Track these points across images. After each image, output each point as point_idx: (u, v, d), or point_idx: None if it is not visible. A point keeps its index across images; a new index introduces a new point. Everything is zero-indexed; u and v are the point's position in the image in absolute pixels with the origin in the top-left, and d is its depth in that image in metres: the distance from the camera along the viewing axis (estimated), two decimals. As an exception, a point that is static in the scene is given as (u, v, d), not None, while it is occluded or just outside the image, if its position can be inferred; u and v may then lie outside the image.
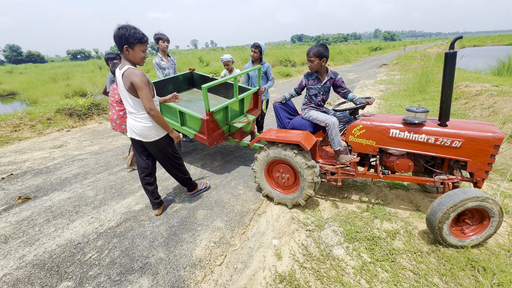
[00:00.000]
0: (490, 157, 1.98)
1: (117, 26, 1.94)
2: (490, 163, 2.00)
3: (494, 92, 5.71)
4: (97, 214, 2.71)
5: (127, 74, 2.02)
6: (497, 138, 1.91)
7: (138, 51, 2.03)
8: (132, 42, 1.96)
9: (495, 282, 1.67)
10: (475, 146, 1.98)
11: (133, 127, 2.26)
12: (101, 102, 7.35)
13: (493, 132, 1.95)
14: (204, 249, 2.18)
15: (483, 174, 2.05)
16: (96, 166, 3.94)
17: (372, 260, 1.94)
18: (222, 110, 3.20)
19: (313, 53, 2.44)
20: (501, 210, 1.84)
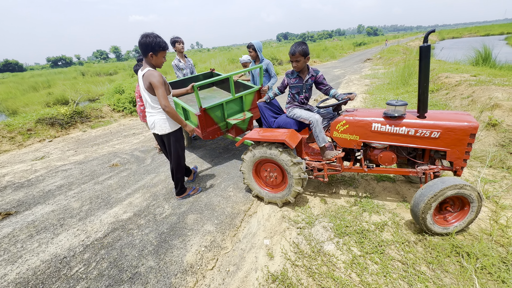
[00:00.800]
0: (467, 145, 2.04)
1: (143, 35, 2.25)
2: (468, 151, 2.06)
3: (472, 82, 5.92)
4: (83, 226, 2.63)
5: (147, 75, 2.32)
6: (473, 127, 1.98)
7: (160, 57, 2.36)
8: (156, 50, 2.29)
9: (479, 266, 1.73)
10: (453, 135, 2.04)
11: (151, 123, 2.61)
12: (84, 109, 7.15)
13: (469, 121, 2.01)
14: (195, 254, 2.15)
15: (462, 162, 2.11)
16: (81, 176, 3.82)
17: (362, 253, 1.97)
18: (217, 106, 3.37)
19: (299, 53, 2.42)
20: (480, 195, 1.91)
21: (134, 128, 6.40)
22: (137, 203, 2.99)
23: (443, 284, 1.65)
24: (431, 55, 9.00)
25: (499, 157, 3.04)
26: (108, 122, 7.15)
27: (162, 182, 3.45)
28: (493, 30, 53.54)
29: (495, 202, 2.36)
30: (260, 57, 3.84)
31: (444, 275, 1.73)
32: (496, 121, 3.47)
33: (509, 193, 2.48)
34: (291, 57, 2.48)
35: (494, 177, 2.77)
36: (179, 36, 4.22)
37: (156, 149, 4.53)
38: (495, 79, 5.83)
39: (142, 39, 2.24)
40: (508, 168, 2.85)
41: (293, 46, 2.47)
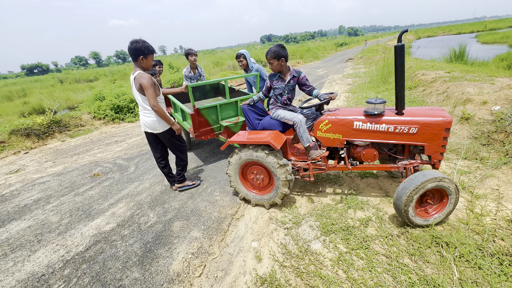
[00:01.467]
0: (443, 139, 2.12)
1: (132, 41, 2.45)
2: (444, 145, 2.14)
3: (447, 78, 6.21)
4: (63, 241, 2.51)
5: (138, 77, 2.50)
6: (447, 121, 2.07)
7: (149, 60, 2.56)
8: (146, 53, 2.49)
9: (457, 254, 1.81)
10: (429, 130, 2.12)
11: (144, 122, 2.76)
12: (63, 118, 6.87)
13: (443, 116, 2.10)
14: (182, 262, 2.11)
15: (439, 156, 2.20)
16: (60, 188, 3.65)
17: (348, 250, 2.01)
18: (212, 109, 3.55)
19: (271, 56, 2.49)
20: (457, 187, 2.00)
21: (116, 136, 6.21)
22: (121, 213, 2.90)
23: (425, 274, 1.71)
24: (408, 54, 9.43)
25: (473, 149, 3.20)
26: (88, 130, 6.90)
27: (147, 190, 3.36)
28: (464, 29, 56.57)
29: (470, 192, 2.47)
30: (250, 65, 3.92)
31: (426, 265, 1.79)
32: (469, 115, 3.65)
33: (483, 183, 2.61)
34: (266, 59, 2.57)
35: (469, 168, 2.90)
36: (192, 49, 4.51)
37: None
38: (467, 75, 6.15)
39: (132, 45, 2.44)
40: (482, 159, 3.00)
41: (270, 48, 2.55)
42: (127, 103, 7.81)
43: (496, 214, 2.17)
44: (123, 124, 7.47)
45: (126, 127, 7.06)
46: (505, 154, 2.93)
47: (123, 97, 7.90)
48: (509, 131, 3.09)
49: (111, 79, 18.73)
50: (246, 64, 3.93)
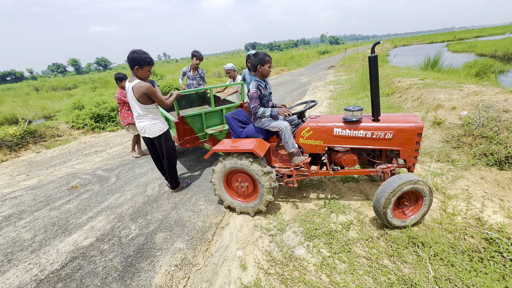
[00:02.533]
0: (416, 144, 2.24)
1: (131, 51, 2.56)
2: (417, 149, 2.27)
3: (420, 85, 6.58)
4: (37, 259, 2.37)
5: (138, 87, 2.63)
6: (419, 127, 2.20)
7: (145, 70, 2.65)
8: (142, 64, 2.59)
9: (432, 253, 1.90)
10: (403, 136, 2.24)
11: (142, 128, 2.91)
12: (38, 128, 6.54)
13: (415, 122, 2.23)
14: (165, 275, 2.05)
15: (413, 159, 2.31)
16: (34, 202, 3.46)
17: (331, 254, 2.05)
18: (197, 117, 3.58)
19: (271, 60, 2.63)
20: (430, 189, 2.11)
21: (96, 146, 5.99)
22: (100, 226, 2.79)
23: (403, 274, 1.78)
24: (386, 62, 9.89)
25: (445, 152, 3.40)
26: (66, 140, 6.61)
27: (128, 201, 3.26)
28: (436, 38, 60.43)
29: (443, 193, 2.62)
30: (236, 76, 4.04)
31: (404, 265, 1.86)
32: (440, 120, 3.89)
33: (454, 184, 2.77)
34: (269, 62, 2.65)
35: (442, 170, 3.08)
36: (198, 51, 4.56)
37: (132, 155, 4.87)
38: (438, 82, 6.55)
39: (130, 54, 2.57)
40: (453, 161, 3.19)
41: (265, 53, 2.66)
42: (108, 112, 7.58)
43: (466, 213, 2.30)
44: (104, 133, 7.23)
45: (107, 136, 6.84)
46: (473, 156, 3.14)
47: (103, 105, 7.66)
48: (476, 134, 3.32)
49: (91, 87, 18.11)
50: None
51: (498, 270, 1.71)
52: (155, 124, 2.89)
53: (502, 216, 2.21)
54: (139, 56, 2.54)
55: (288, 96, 10.14)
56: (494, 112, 3.41)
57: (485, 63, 11.37)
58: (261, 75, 2.70)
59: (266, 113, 2.59)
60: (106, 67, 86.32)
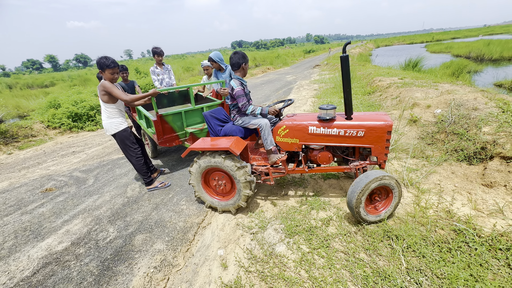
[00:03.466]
0: (385, 141, 2.31)
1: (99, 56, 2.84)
2: (387, 146, 2.34)
3: (399, 84, 6.82)
4: (5, 266, 2.24)
5: (99, 86, 2.89)
6: (388, 125, 2.27)
7: (107, 73, 2.86)
8: (103, 68, 2.82)
9: (405, 246, 1.98)
10: (374, 134, 2.31)
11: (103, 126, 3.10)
12: (9, 128, 6.18)
13: (385, 120, 2.30)
14: (143, 277, 2.01)
15: (384, 156, 2.39)
16: (4, 207, 3.27)
17: (310, 250, 2.09)
18: (177, 115, 3.54)
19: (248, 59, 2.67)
20: (397, 182, 2.18)
21: (74, 146, 5.75)
22: (76, 230, 2.68)
23: (378, 267, 1.84)
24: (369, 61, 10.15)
25: (420, 148, 3.55)
26: (41, 141, 6.30)
27: (107, 203, 3.16)
28: (416, 39, 62.81)
29: (417, 188, 2.74)
30: (224, 65, 3.88)
31: (379, 258, 1.93)
32: (416, 117, 4.05)
33: (427, 178, 2.90)
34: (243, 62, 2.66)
35: (416, 166, 3.21)
36: (158, 47, 4.59)
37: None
38: (416, 81, 6.81)
39: (97, 59, 2.87)
40: (427, 157, 3.34)
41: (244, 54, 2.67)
42: (86, 111, 7.29)
43: (437, 206, 2.42)
44: (82, 133, 6.95)
45: (85, 136, 6.58)
46: (445, 152, 3.30)
47: (81, 104, 7.36)
48: (448, 132, 3.49)
49: (70, 85, 17.33)
50: (218, 67, 3.86)
51: (464, 260, 1.81)
52: (111, 123, 3.04)
53: (469, 209, 2.34)
54: (100, 61, 2.83)
55: (273, 94, 10.19)
56: (464, 110, 3.60)
57: (460, 64, 11.97)
58: (243, 74, 2.73)
59: (256, 111, 2.60)
60: (86, 64, 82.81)
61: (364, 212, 2.20)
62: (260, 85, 13.12)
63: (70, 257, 2.29)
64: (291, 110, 7.33)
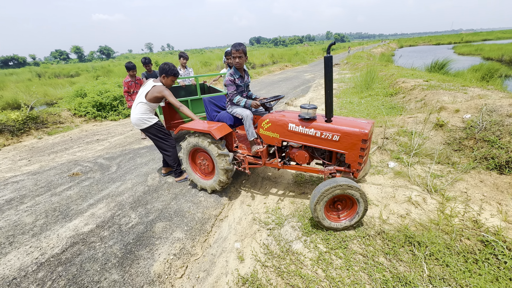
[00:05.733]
0: (360, 150, 2.21)
1: (163, 63, 2.98)
2: (361, 155, 2.23)
3: (425, 86, 6.55)
4: (37, 242, 2.40)
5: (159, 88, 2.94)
6: (363, 133, 2.16)
7: (169, 80, 3.03)
8: (168, 74, 2.98)
9: (428, 253, 1.92)
10: (349, 140, 2.23)
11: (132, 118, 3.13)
12: (40, 114, 6.55)
13: (362, 128, 2.19)
14: (163, 263, 2.09)
15: (357, 165, 2.29)
16: (35, 187, 3.49)
17: (327, 249, 2.08)
18: (183, 103, 3.80)
19: (242, 50, 2.65)
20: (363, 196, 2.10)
21: (98, 134, 6.01)
22: (101, 214, 2.82)
23: (398, 272, 1.80)
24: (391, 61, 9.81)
25: (446, 154, 3.40)
26: (68, 128, 6.63)
27: (129, 190, 3.29)
28: (443, 40, 59.74)
29: (442, 195, 2.63)
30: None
31: (399, 263, 1.89)
32: (442, 121, 3.88)
33: (453, 186, 2.78)
34: (235, 52, 2.64)
35: (441, 172, 3.08)
36: (184, 52, 5.31)
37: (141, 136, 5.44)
38: (443, 84, 6.51)
39: (162, 65, 2.98)
40: (453, 164, 3.20)
41: (235, 44, 2.68)
42: (110, 101, 7.58)
43: (463, 215, 2.32)
44: (106, 122, 7.25)
45: (108, 125, 6.86)
46: (473, 159, 3.14)
47: (106, 94, 7.66)
48: (478, 138, 3.32)
49: (93, 75, 18.05)
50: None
51: (492, 272, 1.73)
52: (143, 119, 3.07)
53: (499, 220, 2.22)
54: (167, 67, 2.96)
55: (291, 92, 10.09)
56: (497, 117, 3.40)
57: (491, 67, 11.26)
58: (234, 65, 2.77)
59: (240, 103, 2.74)
60: (109, 55, 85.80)
61: (322, 216, 2.18)
62: (278, 82, 13.04)
63: (95, 239, 2.42)
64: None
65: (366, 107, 6.66)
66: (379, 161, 3.56)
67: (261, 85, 12.04)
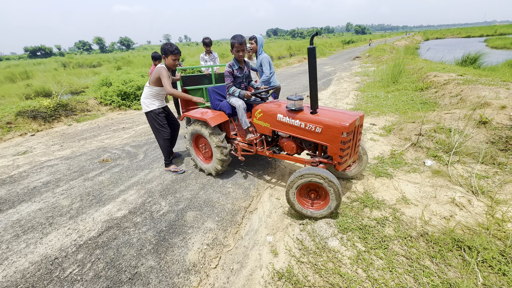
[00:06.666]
0: (340, 142, 2.20)
1: (163, 43, 3.04)
2: (342, 148, 2.22)
3: (460, 81, 6.11)
4: (75, 225, 2.48)
5: (158, 68, 3.00)
6: (343, 126, 2.14)
7: (170, 59, 3.01)
8: (167, 53, 2.98)
9: (480, 259, 1.78)
10: (330, 132, 2.23)
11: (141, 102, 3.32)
12: (69, 102, 6.80)
13: (343, 121, 2.17)
14: (197, 252, 2.08)
15: (338, 158, 2.28)
16: (69, 172, 3.62)
17: (367, 249, 1.98)
18: (198, 90, 4.09)
19: (245, 43, 2.78)
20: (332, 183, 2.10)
21: (123, 122, 6.15)
22: (132, 200, 2.87)
23: (448, 278, 1.68)
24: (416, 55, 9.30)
25: (490, 153, 3.15)
26: (95, 115, 6.84)
27: (157, 178, 3.33)
28: (473, 32, 55.78)
29: (490, 197, 2.44)
30: (259, 51, 3.78)
31: (448, 269, 1.76)
32: (486, 118, 3.59)
33: (502, 188, 2.57)
34: (239, 46, 2.76)
35: (486, 173, 2.86)
36: (208, 37, 5.19)
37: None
38: (480, 78, 6.05)
39: (162, 45, 3.03)
40: (499, 165, 2.96)
41: (238, 37, 2.77)
42: (134, 90, 7.73)
43: (517, 220, 2.13)
44: (130, 111, 7.41)
45: (132, 114, 7.00)
46: (524, 160, 2.88)
47: (130, 83, 7.81)
48: (528, 138, 3.04)
49: (114, 66, 18.52)
50: (256, 48, 3.78)
51: (557, 285, 1.57)
52: (144, 102, 3.21)
53: (559, 228, 2.02)
54: (164, 47, 2.97)
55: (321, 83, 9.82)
56: (552, 114, 3.09)
57: (531, 62, 10.37)
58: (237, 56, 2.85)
59: (235, 93, 2.88)
60: (128, 46, 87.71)
61: (294, 199, 2.31)
62: (297, 74, 12.76)
63: (129, 224, 2.46)
64: (332, 102, 7.03)
65: (394, 101, 6.34)
66: (414, 159, 3.37)
67: (280, 78, 11.83)
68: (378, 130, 4.59)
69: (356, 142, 2.43)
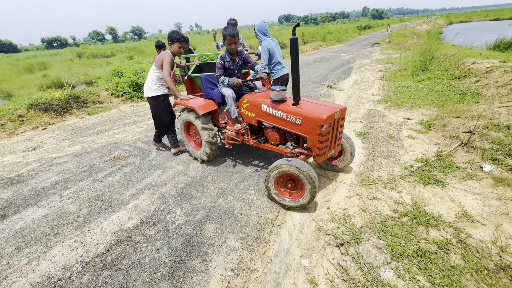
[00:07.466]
0: (318, 135, 2.19)
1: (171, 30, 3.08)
2: (320, 140, 2.21)
3: (507, 68, 5.37)
4: (82, 236, 2.22)
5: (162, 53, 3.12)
6: (321, 118, 2.12)
7: (175, 46, 3.10)
8: (173, 40, 3.07)
9: None
10: (309, 124, 2.22)
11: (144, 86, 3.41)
12: (81, 94, 6.59)
13: (320, 113, 2.15)
14: (221, 281, 1.75)
15: (316, 150, 2.28)
16: (78, 171, 3.38)
17: (432, 286, 1.57)
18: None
19: (237, 35, 2.72)
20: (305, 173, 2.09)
21: (135, 115, 5.89)
22: (144, 206, 2.57)
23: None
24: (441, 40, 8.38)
25: None
26: (106, 108, 6.62)
27: (171, 181, 3.02)
28: (503, 14, 51.41)
29: None
30: (259, 39, 3.46)
31: (551, 322, 1.34)
32: (557, 114, 3.00)
33: None
34: (231, 38, 2.71)
35: None
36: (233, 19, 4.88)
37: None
38: (532, 65, 5.29)
39: (169, 32, 3.08)
40: None
41: (230, 29, 2.71)
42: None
43: None
44: (141, 103, 7.14)
45: (144, 106, 6.73)
46: None
47: (141, 74, 7.51)
48: None
49: (127, 55, 18.35)
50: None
51: None
52: (148, 87, 3.28)
53: None
54: (171, 34, 3.05)
55: (331, 74, 9.18)
56: None
57: None
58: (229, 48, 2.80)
59: (224, 82, 2.88)
60: (140, 36, 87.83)
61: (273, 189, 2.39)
62: (314, 63, 12.04)
63: (140, 238, 2.16)
64: (356, 92, 6.45)
65: (427, 92, 5.70)
66: (468, 162, 2.87)
67: (297, 66, 11.18)
68: (415, 125, 4.06)
69: (337, 135, 2.40)
